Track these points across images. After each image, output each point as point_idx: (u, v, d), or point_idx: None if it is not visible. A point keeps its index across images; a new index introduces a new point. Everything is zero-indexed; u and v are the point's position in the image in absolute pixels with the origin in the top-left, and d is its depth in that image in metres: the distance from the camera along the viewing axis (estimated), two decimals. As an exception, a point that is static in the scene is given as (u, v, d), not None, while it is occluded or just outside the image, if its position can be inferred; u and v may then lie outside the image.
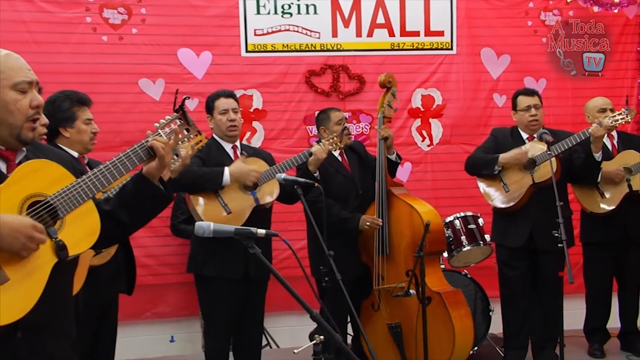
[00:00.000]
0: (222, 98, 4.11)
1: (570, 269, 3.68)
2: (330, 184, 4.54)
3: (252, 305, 4.14)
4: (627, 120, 4.44)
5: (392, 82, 4.68)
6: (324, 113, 4.73)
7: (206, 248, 3.96)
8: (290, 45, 5.81)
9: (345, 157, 4.71)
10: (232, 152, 4.14)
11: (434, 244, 4.44)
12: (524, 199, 4.57)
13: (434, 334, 4.21)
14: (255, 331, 4.27)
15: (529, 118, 4.69)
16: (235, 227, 2.28)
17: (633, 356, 5.08)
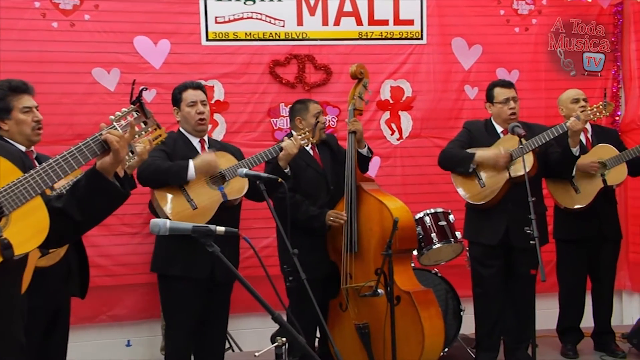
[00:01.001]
0: (190, 90, 4.09)
1: (543, 267, 3.73)
2: (301, 178, 4.55)
3: (217, 307, 4.13)
4: (605, 114, 4.51)
5: (364, 73, 4.69)
6: (301, 103, 4.73)
7: (172, 246, 3.94)
8: (253, 34, 5.78)
9: (317, 151, 4.72)
10: (199, 147, 4.13)
11: (404, 242, 4.46)
12: (500, 194, 4.61)
13: (402, 335, 4.23)
14: (218, 334, 4.26)
15: (508, 111, 4.72)
16: (192, 225, 2.27)
17: (607, 356, 5.17)
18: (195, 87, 4.10)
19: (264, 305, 2.22)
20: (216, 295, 4.08)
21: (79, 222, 2.26)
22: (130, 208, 5.27)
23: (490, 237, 4.69)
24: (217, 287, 4.03)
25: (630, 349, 5.17)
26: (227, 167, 3.99)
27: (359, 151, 4.67)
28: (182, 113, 4.08)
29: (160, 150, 3.90)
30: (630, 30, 6.26)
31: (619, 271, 5.57)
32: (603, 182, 4.97)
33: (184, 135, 4.12)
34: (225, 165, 4.00)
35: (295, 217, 4.45)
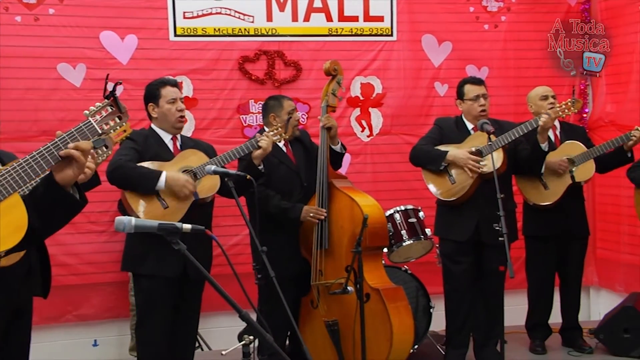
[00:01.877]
0: (169, 86, 4.06)
1: (511, 264, 3.77)
2: (273, 175, 4.56)
3: (189, 304, 4.11)
4: (574, 111, 4.56)
5: (337, 70, 4.70)
6: (275, 100, 4.73)
7: (143, 245, 3.91)
8: (222, 30, 5.75)
9: (290, 148, 4.72)
10: (171, 144, 4.10)
11: (374, 239, 4.48)
12: (470, 191, 4.65)
13: (372, 332, 4.25)
14: (189, 332, 4.24)
15: (478, 108, 4.76)
16: (158, 222, 2.25)
17: (574, 352, 5.24)
18: (173, 84, 4.08)
19: (231, 304, 2.21)
20: (188, 293, 4.06)
21: (37, 228, 2.25)
22: (97, 206, 5.22)
23: (460, 233, 4.73)
24: (189, 284, 4.01)
25: (597, 344, 5.25)
26: (199, 164, 3.96)
27: (332, 148, 4.68)
28: (162, 110, 4.04)
29: (131, 148, 3.85)
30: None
31: (586, 267, 5.65)
32: (571, 179, 5.03)
33: (155, 133, 4.07)
34: (197, 163, 3.98)
35: (267, 210, 4.46)
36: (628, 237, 6.07)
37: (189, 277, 3.93)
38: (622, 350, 5.07)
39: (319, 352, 4.60)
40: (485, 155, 4.57)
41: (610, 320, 5.20)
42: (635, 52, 5.97)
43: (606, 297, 6.36)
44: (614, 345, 5.12)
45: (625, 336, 5.07)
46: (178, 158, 4.00)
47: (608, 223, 6.34)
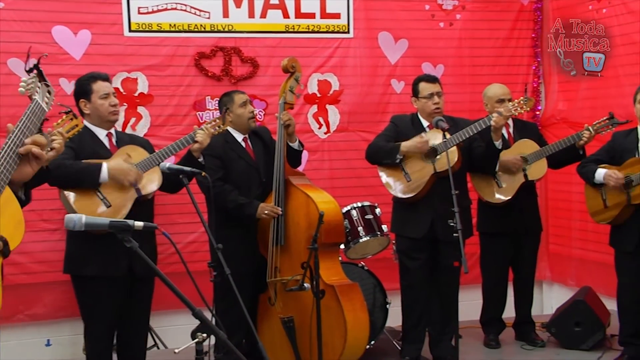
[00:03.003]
0: (100, 81, 3.98)
1: (465, 259, 3.82)
2: (232, 170, 4.55)
3: (137, 303, 4.06)
4: (526, 109, 4.63)
5: (296, 67, 4.69)
6: (227, 95, 4.73)
7: (85, 245, 3.84)
8: (177, 25, 5.70)
9: (249, 143, 4.70)
10: (107, 141, 4.01)
11: (330, 236, 4.49)
12: (425, 188, 4.69)
13: (327, 328, 4.27)
14: (140, 331, 4.20)
15: (432, 106, 4.80)
16: (110, 220, 2.23)
17: (527, 345, 5.33)
18: (104, 79, 4.00)
19: (184, 301, 2.20)
20: (137, 291, 4.01)
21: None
22: (50, 203, 5.12)
23: (416, 230, 4.77)
24: (137, 283, 3.97)
25: (549, 338, 5.35)
26: (139, 161, 3.91)
27: (290, 145, 4.68)
28: (94, 105, 3.95)
29: (68, 147, 3.75)
30: (549, 26, 6.47)
31: (539, 262, 5.75)
32: (524, 177, 5.11)
33: (89, 130, 3.98)
34: (137, 159, 3.91)
35: (224, 205, 4.45)
36: (579, 232, 6.20)
37: (136, 276, 3.89)
38: (573, 344, 5.18)
39: (276, 349, 4.60)
40: (440, 152, 4.61)
41: (561, 314, 5.31)
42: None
43: (558, 292, 6.49)
44: (565, 338, 5.22)
45: (576, 329, 5.17)
46: (117, 155, 3.91)
47: (560, 219, 6.47)
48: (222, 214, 4.51)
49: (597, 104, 5.88)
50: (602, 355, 4.96)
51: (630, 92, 4.85)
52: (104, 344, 4.02)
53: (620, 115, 4.94)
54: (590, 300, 5.28)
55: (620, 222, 4.70)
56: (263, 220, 4.57)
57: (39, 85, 2.34)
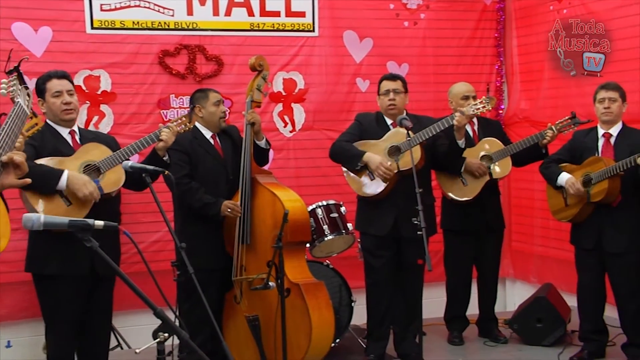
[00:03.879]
0: (55, 79, 3.93)
1: (429, 257, 3.84)
2: (200, 167, 4.53)
3: (99, 303, 4.02)
4: (488, 109, 4.67)
5: (263, 66, 4.68)
6: (201, 92, 4.70)
7: (47, 243, 3.79)
8: (141, 23, 5.65)
9: (218, 141, 4.69)
10: (69, 138, 3.97)
11: (296, 234, 4.49)
12: (389, 186, 4.71)
13: (291, 327, 4.28)
14: (102, 331, 4.16)
15: (387, 102, 4.83)
16: (69, 219, 2.20)
17: (490, 342, 5.40)
18: (60, 77, 3.94)
19: (145, 301, 2.19)
20: (98, 291, 3.98)
21: None
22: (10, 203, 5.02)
23: (379, 228, 4.80)
24: (99, 282, 3.93)
25: (511, 334, 5.43)
26: (101, 158, 3.87)
27: (257, 143, 4.67)
28: (48, 104, 3.91)
29: (29, 145, 3.69)
30: (511, 26, 6.57)
31: (502, 260, 5.81)
32: (489, 175, 5.16)
33: (51, 127, 3.94)
34: (100, 157, 3.87)
35: (190, 203, 4.45)
36: (541, 230, 6.30)
37: (98, 275, 3.85)
38: (534, 340, 5.26)
39: (242, 347, 4.60)
40: (403, 151, 4.64)
41: (523, 310, 5.38)
42: (546, 50, 6.19)
43: (521, 288, 6.57)
44: (527, 334, 5.30)
45: (538, 325, 5.25)
46: (79, 152, 3.87)
47: (522, 217, 6.56)
48: (188, 212, 4.50)
49: (558, 104, 5.97)
50: (563, 350, 5.03)
51: (590, 92, 4.94)
52: (66, 344, 3.97)
53: (581, 114, 5.02)
54: (552, 297, 5.36)
55: (580, 220, 4.79)
56: (229, 219, 4.56)
57: (19, 87, 2.31)
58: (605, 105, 4.68)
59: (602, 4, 5.61)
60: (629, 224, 4.61)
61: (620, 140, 4.69)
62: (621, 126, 4.74)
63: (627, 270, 4.64)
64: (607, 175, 4.53)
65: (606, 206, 4.63)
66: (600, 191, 4.58)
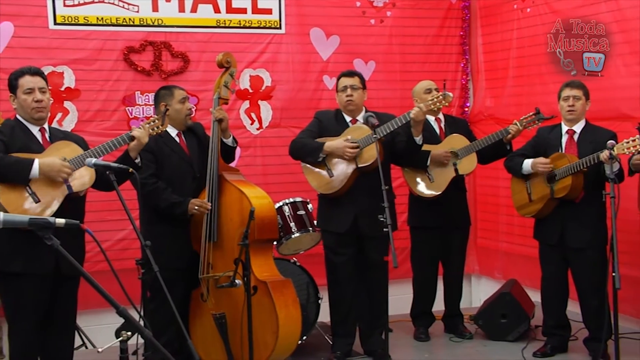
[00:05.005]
0: (27, 76, 3.87)
1: (395, 254, 3.85)
2: (165, 165, 4.49)
3: (63, 301, 3.97)
4: (444, 104, 4.70)
5: (230, 62, 4.65)
6: (166, 89, 4.64)
7: (11, 241, 3.73)
8: (105, 19, 5.59)
9: (183, 139, 4.65)
10: (39, 136, 3.92)
11: (263, 232, 4.48)
12: (348, 183, 4.71)
13: (258, 324, 4.27)
14: (67, 330, 4.10)
15: (345, 99, 4.83)
16: (29, 217, 2.17)
17: (455, 337, 5.43)
18: (33, 74, 3.89)
19: (107, 299, 2.16)
20: (62, 289, 3.92)
21: None
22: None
23: (339, 225, 4.80)
24: (63, 281, 3.87)
25: (477, 330, 5.46)
26: (72, 157, 3.82)
27: (224, 141, 4.64)
28: (19, 100, 3.87)
29: None
30: (477, 25, 6.63)
31: (468, 256, 5.85)
32: (455, 171, 5.19)
33: (22, 124, 3.89)
34: (70, 155, 3.82)
35: (157, 203, 4.41)
36: (506, 226, 6.37)
37: (62, 274, 3.80)
38: (499, 335, 5.30)
39: (208, 346, 4.57)
40: (362, 147, 4.65)
41: (488, 306, 5.43)
42: (511, 49, 6.26)
43: (486, 284, 6.64)
44: (492, 330, 5.34)
45: (502, 321, 5.30)
46: (49, 150, 3.83)
47: (488, 213, 6.62)
48: (153, 210, 4.45)
49: (522, 101, 6.05)
50: (527, 345, 5.08)
51: (554, 90, 5.00)
52: (29, 344, 3.90)
53: (545, 112, 5.08)
54: (516, 293, 5.41)
55: (544, 216, 4.84)
56: (196, 216, 4.52)
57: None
58: (570, 103, 4.73)
59: (566, 3, 5.70)
60: (591, 220, 4.67)
61: (583, 137, 4.76)
62: (584, 123, 4.80)
63: (589, 266, 4.70)
64: (571, 171, 4.59)
65: (569, 202, 4.69)
66: (564, 187, 4.63)
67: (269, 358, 4.37)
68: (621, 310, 4.25)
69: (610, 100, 5.30)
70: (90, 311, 5.19)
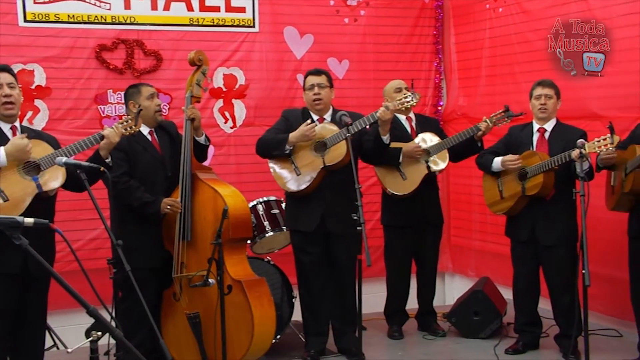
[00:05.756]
0: None
1: (369, 252, 3.86)
2: (137, 164, 4.46)
3: (33, 302, 3.92)
4: (412, 104, 4.72)
5: (203, 60, 4.63)
6: (134, 87, 4.61)
7: None
8: (77, 16, 5.54)
9: (155, 137, 4.62)
10: (10, 134, 3.87)
11: (237, 231, 4.47)
12: (315, 182, 4.72)
13: (233, 324, 4.26)
14: (37, 331, 4.05)
15: (312, 97, 4.84)
16: (-4, 216, 2.14)
17: (429, 335, 5.47)
18: (0, 70, 3.84)
19: (77, 299, 2.14)
20: (32, 290, 3.87)
21: None
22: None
23: (307, 224, 4.81)
24: (32, 281, 3.83)
25: (450, 327, 5.50)
26: (42, 156, 3.78)
27: (196, 139, 4.62)
28: None
29: None
30: (450, 24, 6.68)
31: (441, 254, 5.90)
32: (427, 169, 5.22)
33: None
34: (41, 154, 3.78)
35: (129, 202, 4.38)
36: (479, 224, 6.42)
37: (31, 274, 3.76)
38: (471, 332, 5.35)
39: (182, 346, 4.55)
40: (330, 146, 4.66)
41: (461, 304, 5.47)
42: (484, 48, 6.31)
43: (459, 282, 6.69)
44: (465, 327, 5.39)
45: (475, 318, 5.34)
46: None
47: (461, 211, 6.67)
48: (125, 209, 4.42)
49: (495, 100, 6.09)
50: (499, 343, 5.13)
51: (526, 89, 5.06)
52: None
53: (515, 110, 5.12)
54: (488, 290, 5.46)
55: (516, 213, 4.89)
56: (169, 215, 4.50)
57: None
58: (542, 101, 4.79)
59: (537, 3, 5.76)
60: (561, 217, 4.73)
61: (554, 135, 4.81)
62: (555, 122, 4.86)
63: (559, 263, 4.75)
64: (543, 169, 4.64)
65: (540, 199, 4.74)
66: (536, 185, 4.68)
67: (244, 357, 4.37)
68: (591, 307, 4.30)
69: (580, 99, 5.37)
70: (61, 311, 5.14)
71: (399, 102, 4.63)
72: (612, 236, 5.00)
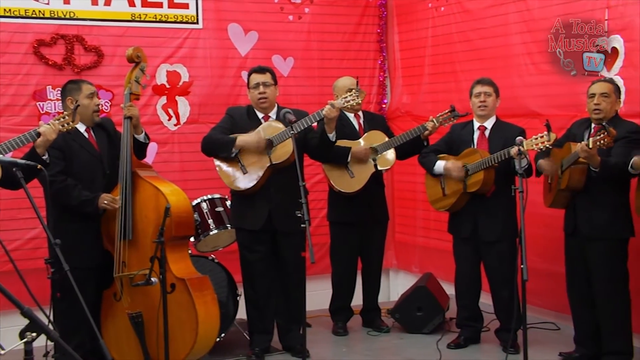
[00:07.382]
0: None
1: (312, 250, 3.88)
2: (75, 162, 4.39)
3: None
4: (358, 102, 4.75)
5: (141, 57, 4.57)
6: (74, 83, 4.54)
7: None
8: (13, 11, 5.41)
9: (93, 134, 4.55)
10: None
11: (180, 229, 4.45)
12: (262, 180, 4.73)
13: (176, 323, 4.24)
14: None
15: (257, 96, 4.85)
16: None
17: (373, 331, 5.53)
18: None
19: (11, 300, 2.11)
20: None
21: None
22: None
23: (253, 222, 4.81)
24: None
25: (394, 323, 5.58)
26: None
27: (136, 137, 4.56)
28: None
29: None
30: (393, 22, 6.75)
31: (386, 251, 5.95)
32: (375, 167, 5.28)
33: None
34: None
35: (67, 202, 4.31)
36: (423, 221, 6.51)
37: None
38: (415, 328, 5.43)
39: (123, 346, 4.51)
40: (276, 144, 4.68)
41: (405, 300, 5.55)
42: (427, 47, 6.40)
43: (404, 278, 6.76)
44: (408, 323, 5.46)
45: (418, 314, 5.43)
46: None
47: (405, 209, 6.75)
48: (62, 208, 4.35)
49: (438, 98, 6.19)
50: (442, 337, 5.22)
51: (466, 87, 5.16)
52: None
53: (458, 109, 5.21)
54: (431, 286, 5.55)
55: (457, 210, 4.99)
56: (108, 214, 4.45)
57: None
58: (481, 99, 4.90)
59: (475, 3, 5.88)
60: (501, 213, 4.84)
61: (494, 133, 4.92)
62: (495, 120, 4.97)
63: (500, 258, 4.87)
64: (483, 166, 4.74)
65: (481, 196, 4.84)
66: (477, 182, 4.78)
67: (188, 356, 4.35)
68: (530, 301, 4.42)
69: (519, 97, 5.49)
70: (0, 312, 5.04)
71: (344, 100, 4.66)
72: (550, 232, 5.12)
